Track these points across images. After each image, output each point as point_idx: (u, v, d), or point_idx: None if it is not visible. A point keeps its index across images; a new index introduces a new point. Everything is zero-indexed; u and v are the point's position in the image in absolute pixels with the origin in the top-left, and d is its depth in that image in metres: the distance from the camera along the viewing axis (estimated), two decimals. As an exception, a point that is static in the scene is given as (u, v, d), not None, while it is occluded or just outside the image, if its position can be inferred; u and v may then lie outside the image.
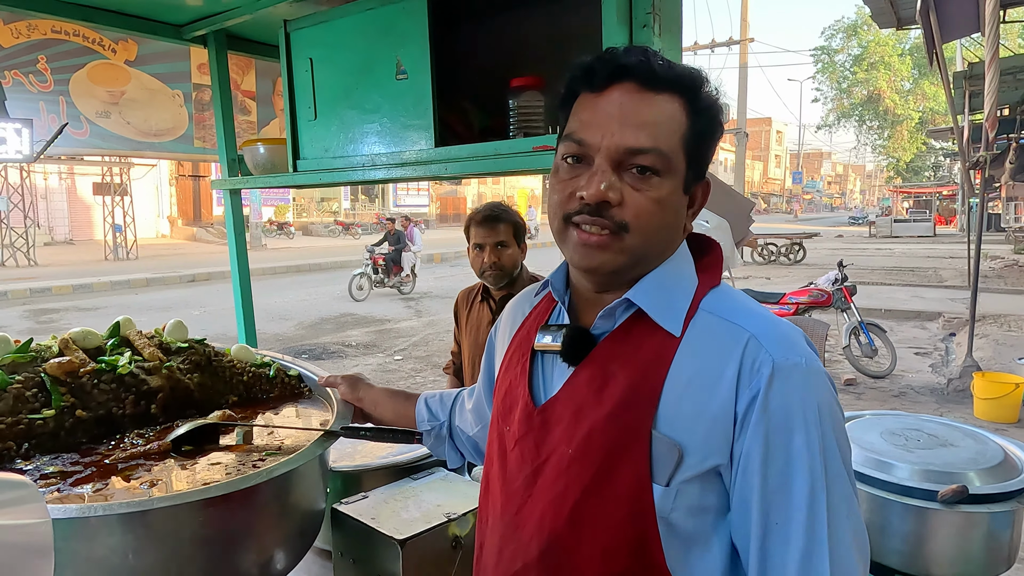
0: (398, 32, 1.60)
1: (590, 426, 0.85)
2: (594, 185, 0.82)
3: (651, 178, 0.83)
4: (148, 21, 2.04)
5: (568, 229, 0.87)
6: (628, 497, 0.81)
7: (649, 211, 0.83)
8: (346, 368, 7.63)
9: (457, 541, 1.30)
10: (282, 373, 1.52)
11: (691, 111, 0.85)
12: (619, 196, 0.82)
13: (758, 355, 0.80)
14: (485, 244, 2.27)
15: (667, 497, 0.80)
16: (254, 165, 2.06)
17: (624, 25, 1.29)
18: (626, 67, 0.83)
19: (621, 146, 0.82)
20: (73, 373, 1.22)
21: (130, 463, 1.13)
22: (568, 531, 0.85)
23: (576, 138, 0.85)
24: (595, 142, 0.83)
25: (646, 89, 0.83)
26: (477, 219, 2.31)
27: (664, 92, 0.83)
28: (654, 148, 0.82)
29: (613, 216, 0.83)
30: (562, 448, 0.87)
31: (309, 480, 1.19)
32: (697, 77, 0.86)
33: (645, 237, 0.85)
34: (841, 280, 7.22)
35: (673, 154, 0.84)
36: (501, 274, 2.29)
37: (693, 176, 0.88)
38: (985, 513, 1.40)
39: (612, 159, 0.82)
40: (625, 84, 0.83)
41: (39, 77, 2.08)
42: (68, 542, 0.92)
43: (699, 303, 0.87)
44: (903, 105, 39.98)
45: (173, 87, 2.45)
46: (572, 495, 0.85)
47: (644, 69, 0.83)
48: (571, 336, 0.90)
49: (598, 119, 0.83)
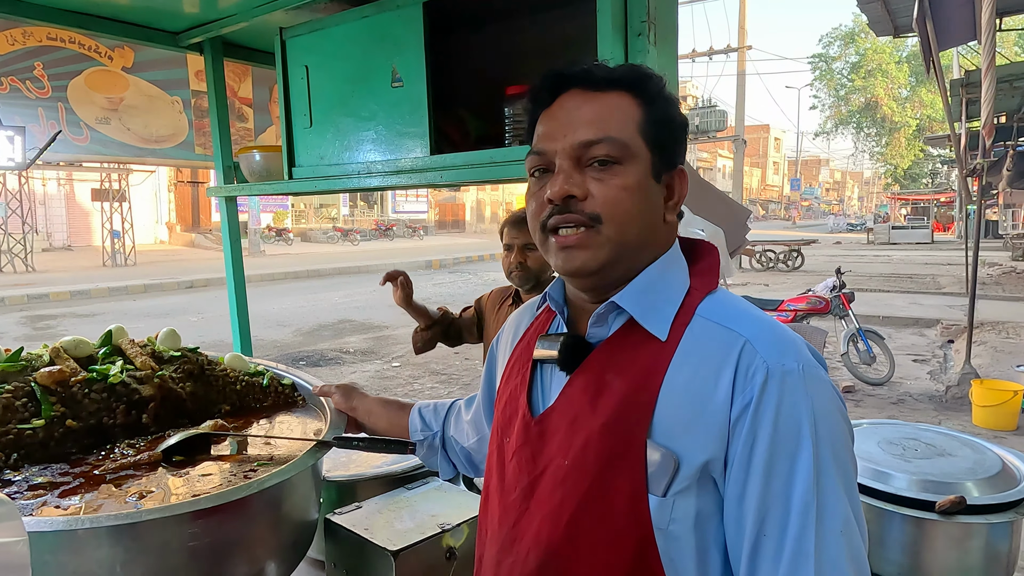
0: (394, 40, 1.60)
1: (585, 436, 0.84)
2: (557, 184, 0.85)
3: (613, 167, 0.85)
4: (144, 28, 2.04)
5: (548, 238, 0.89)
6: (624, 508, 0.80)
7: (617, 198, 0.84)
8: (344, 375, 7.61)
9: (452, 552, 1.28)
10: (276, 382, 1.52)
11: (643, 102, 0.87)
12: (584, 190, 0.85)
13: (752, 361, 0.78)
14: (513, 245, 2.31)
15: (664, 508, 0.79)
16: (250, 172, 2.06)
17: (619, 33, 1.29)
18: (568, 77, 0.88)
19: (575, 142, 0.85)
20: (64, 382, 1.21)
21: (120, 474, 1.12)
22: (565, 543, 0.84)
23: (536, 150, 0.89)
24: (552, 148, 0.87)
25: (591, 91, 0.87)
26: (511, 220, 2.36)
27: (609, 90, 0.87)
28: (606, 137, 0.84)
29: (583, 210, 0.85)
30: (558, 459, 0.87)
31: (301, 491, 1.18)
32: (640, 72, 0.89)
33: (620, 225, 0.85)
34: (839, 287, 7.23)
35: (630, 141, 0.85)
36: (527, 275, 2.32)
37: (661, 164, 0.88)
38: (983, 524, 1.39)
39: (571, 158, 0.86)
40: (570, 92, 0.88)
41: (36, 83, 2.08)
42: (55, 555, 0.91)
43: (695, 308, 0.86)
44: (900, 112, 40.16)
45: (172, 94, 2.45)
46: (568, 507, 0.84)
47: (585, 74, 0.87)
48: (567, 344, 0.90)
49: (552, 128, 0.88)
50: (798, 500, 0.75)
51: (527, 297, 2.38)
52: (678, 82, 1.40)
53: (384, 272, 2.44)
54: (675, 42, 1.35)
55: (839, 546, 0.75)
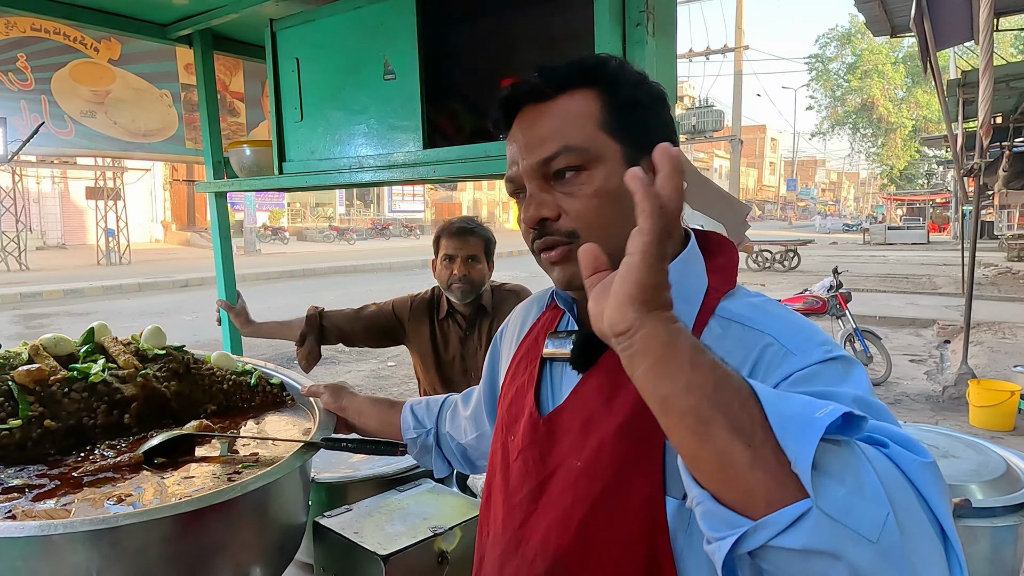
0: (386, 32, 1.56)
1: (600, 438, 0.81)
2: (529, 210, 0.84)
3: (578, 175, 0.81)
4: (132, 20, 1.99)
5: (539, 256, 0.87)
6: (640, 512, 0.77)
7: (590, 208, 0.81)
8: (339, 375, 7.57)
9: (443, 556, 1.25)
10: (264, 381, 1.48)
11: (598, 94, 0.82)
12: (554, 209, 0.82)
13: (776, 357, 0.74)
14: (456, 256, 2.21)
15: (682, 512, 0.75)
16: (240, 167, 2.02)
17: (617, 24, 1.25)
18: (514, 99, 0.86)
19: (534, 163, 0.83)
20: (42, 381, 1.17)
21: (99, 476, 1.08)
22: (576, 548, 0.81)
23: (507, 177, 0.88)
24: (517, 173, 0.86)
25: (541, 103, 0.84)
26: (450, 230, 2.25)
27: (559, 95, 0.83)
28: (563, 147, 0.81)
29: (559, 229, 0.82)
30: (570, 460, 0.83)
31: (288, 493, 1.15)
32: (590, 62, 0.84)
33: (600, 234, 0.79)
34: (836, 287, 7.22)
35: (590, 143, 0.81)
36: (470, 288, 2.22)
37: (636, 151, 0.82)
38: (988, 527, 1.36)
39: (535, 178, 0.84)
40: (524, 110, 0.86)
41: (19, 75, 2.03)
42: (28, 561, 0.87)
43: (714, 308, 0.82)
44: (896, 113, 40.31)
45: (160, 87, 2.41)
46: (580, 510, 0.81)
47: (533, 89, 0.84)
48: (581, 341, 0.87)
49: (513, 152, 0.86)
50: None
51: (465, 310, 2.30)
52: (676, 73, 1.36)
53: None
54: (674, 33, 1.32)
55: None
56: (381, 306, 2.45)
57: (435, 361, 2.36)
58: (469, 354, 2.30)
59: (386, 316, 2.42)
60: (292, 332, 2.34)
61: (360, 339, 2.45)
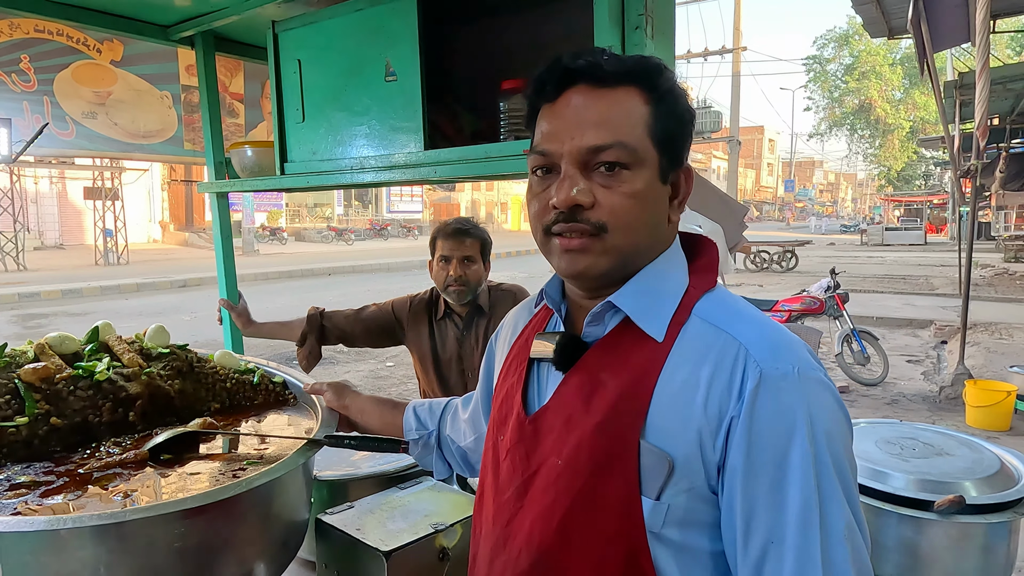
0: (388, 33, 1.58)
1: (579, 436, 0.83)
2: (564, 191, 0.81)
3: (621, 173, 0.81)
4: (134, 21, 2.01)
5: (550, 240, 0.86)
6: (617, 510, 0.79)
7: (625, 207, 0.81)
8: (338, 374, 7.57)
9: (444, 553, 1.26)
10: (266, 380, 1.49)
11: (651, 99, 0.83)
12: (591, 198, 0.81)
13: (747, 365, 0.77)
14: (452, 257, 2.21)
15: (657, 511, 0.77)
16: (241, 168, 2.03)
17: (616, 26, 1.27)
18: (574, 71, 0.83)
19: (583, 147, 0.81)
20: (48, 379, 1.18)
21: (106, 472, 1.09)
22: (558, 544, 0.83)
23: (540, 149, 0.85)
24: (558, 149, 0.82)
25: (599, 87, 0.82)
26: (446, 231, 2.25)
27: (618, 86, 0.82)
28: (616, 142, 0.80)
29: (588, 218, 0.82)
30: (552, 459, 0.85)
31: (291, 490, 1.16)
32: (650, 64, 0.84)
33: (626, 234, 0.82)
34: (833, 287, 7.23)
35: (639, 145, 0.81)
36: (466, 289, 2.23)
37: (669, 164, 0.85)
38: (982, 524, 1.38)
39: (577, 162, 0.82)
40: (577, 87, 0.83)
41: (22, 76, 2.04)
42: (37, 556, 0.89)
43: (691, 308, 0.84)
44: (894, 114, 40.36)
45: (161, 88, 2.42)
46: (561, 507, 0.83)
47: (592, 68, 0.82)
48: (562, 343, 0.88)
49: (557, 127, 0.83)
50: (799, 506, 0.73)
51: (462, 311, 2.31)
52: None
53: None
54: (672, 36, 1.34)
55: (843, 551, 0.73)
56: (381, 306, 2.46)
57: (433, 361, 2.38)
58: (466, 354, 2.32)
59: (386, 316, 2.43)
60: (292, 332, 2.35)
61: (360, 339, 2.46)
